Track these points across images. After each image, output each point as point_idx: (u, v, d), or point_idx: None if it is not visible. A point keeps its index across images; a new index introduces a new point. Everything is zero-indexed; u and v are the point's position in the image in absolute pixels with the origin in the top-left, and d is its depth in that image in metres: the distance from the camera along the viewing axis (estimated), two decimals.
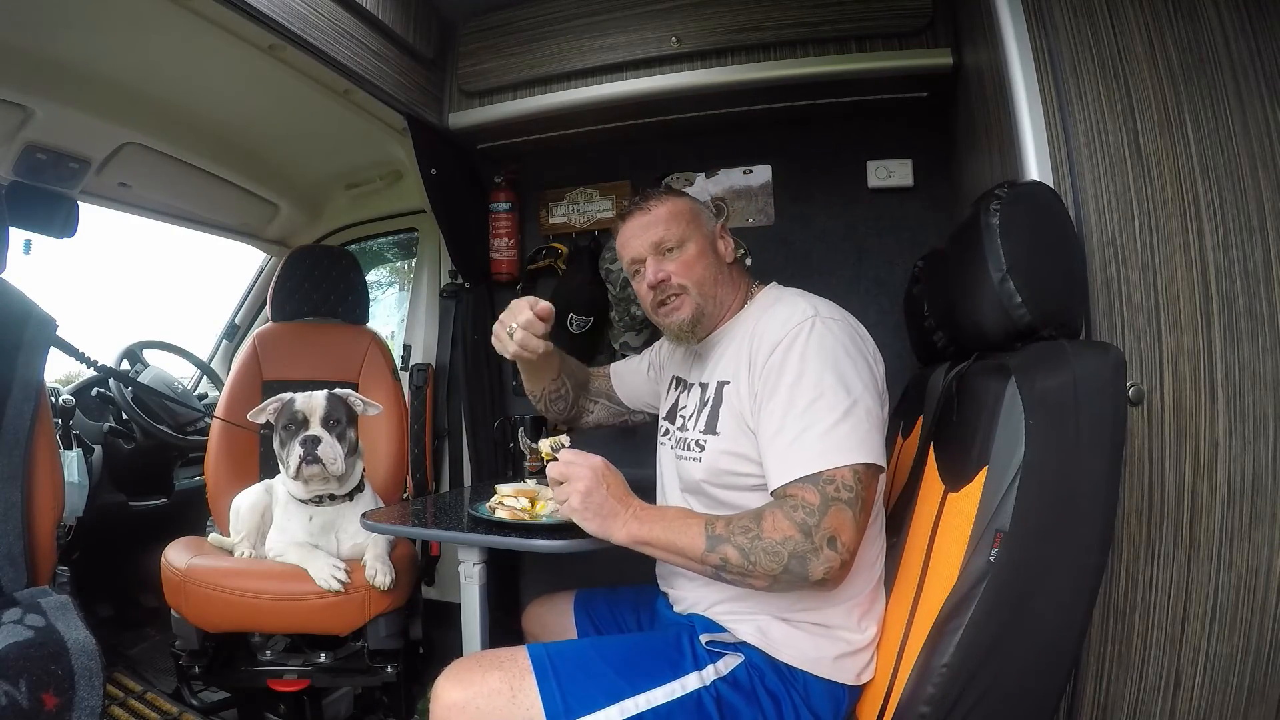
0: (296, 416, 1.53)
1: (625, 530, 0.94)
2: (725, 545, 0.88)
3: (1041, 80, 1.08)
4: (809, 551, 0.84)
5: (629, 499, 0.97)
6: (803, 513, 0.86)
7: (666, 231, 1.09)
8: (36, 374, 1.29)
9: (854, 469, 0.87)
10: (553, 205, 2.05)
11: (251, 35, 1.39)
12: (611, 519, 0.95)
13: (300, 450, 1.49)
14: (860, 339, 0.99)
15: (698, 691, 0.92)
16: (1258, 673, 1.00)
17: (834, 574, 0.86)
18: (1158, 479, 1.01)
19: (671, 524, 0.93)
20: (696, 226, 1.11)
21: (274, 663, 1.60)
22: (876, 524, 1.01)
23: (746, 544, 0.87)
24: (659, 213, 1.10)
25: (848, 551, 0.86)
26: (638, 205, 1.13)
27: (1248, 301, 1.01)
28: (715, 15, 1.61)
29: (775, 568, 0.85)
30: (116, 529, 2.10)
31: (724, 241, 1.13)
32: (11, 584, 1.19)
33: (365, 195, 2.44)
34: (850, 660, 0.96)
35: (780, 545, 0.85)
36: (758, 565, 0.86)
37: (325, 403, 1.55)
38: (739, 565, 0.87)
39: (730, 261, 1.12)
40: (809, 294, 1.06)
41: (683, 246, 1.09)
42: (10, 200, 1.73)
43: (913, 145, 1.77)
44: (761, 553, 0.86)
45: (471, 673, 0.93)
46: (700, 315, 1.09)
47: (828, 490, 0.86)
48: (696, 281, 1.08)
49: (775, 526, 0.86)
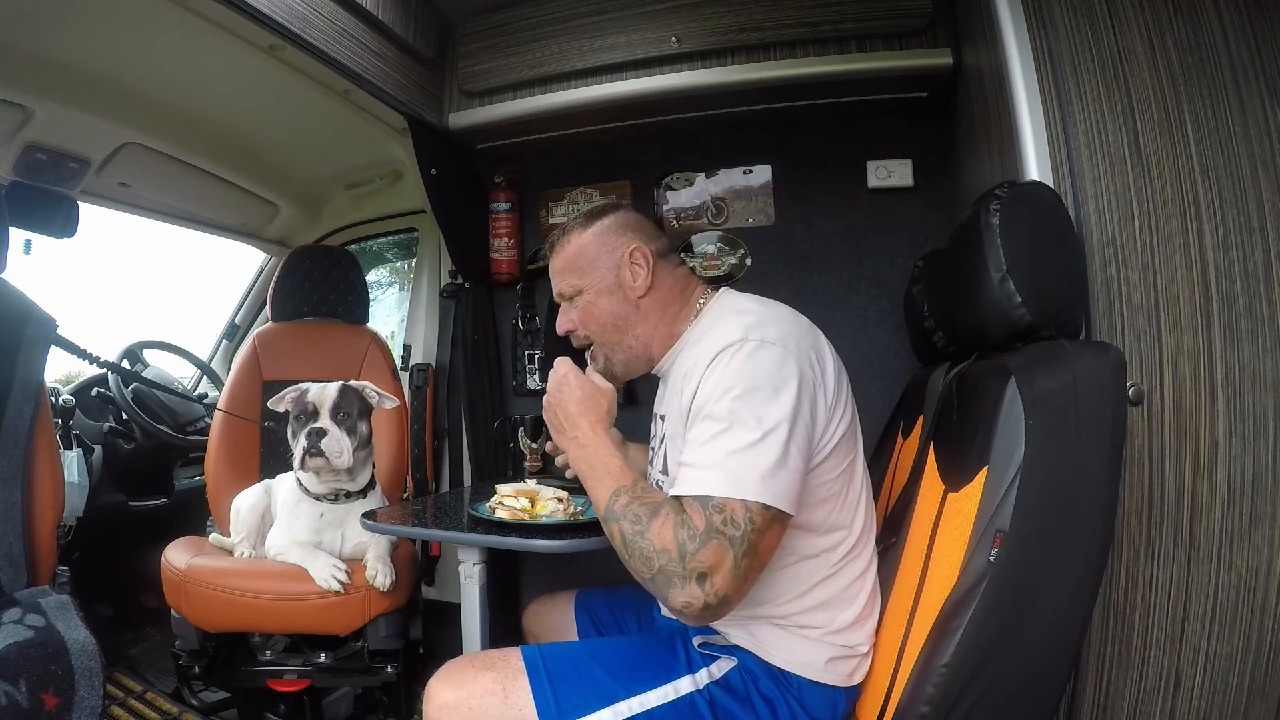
0: (308, 407, 1.53)
1: (571, 449, 0.98)
2: (614, 523, 0.87)
3: (1041, 80, 1.08)
4: (676, 576, 0.80)
5: (579, 419, 0.99)
6: (686, 533, 0.80)
7: (563, 283, 1.10)
8: (36, 374, 1.29)
9: (746, 505, 0.80)
10: (553, 205, 2.05)
11: (251, 35, 1.39)
12: (560, 431, 1.00)
13: (305, 442, 1.48)
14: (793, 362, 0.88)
15: (691, 695, 0.92)
16: (1258, 673, 1.00)
17: (694, 611, 0.79)
18: (1158, 479, 1.01)
19: (596, 469, 0.93)
20: (590, 270, 1.06)
21: (274, 663, 1.61)
22: (865, 532, 0.99)
23: (630, 534, 0.84)
24: (555, 264, 1.11)
25: (715, 595, 0.79)
26: (553, 244, 1.12)
27: (1248, 301, 1.01)
28: (715, 15, 1.61)
29: (645, 573, 0.83)
30: (116, 529, 2.10)
31: (632, 269, 1.05)
32: (11, 584, 1.19)
33: (365, 195, 2.44)
34: (843, 663, 0.96)
35: (656, 554, 0.81)
36: (631, 560, 0.84)
37: (336, 394, 1.54)
38: (619, 548, 0.86)
39: (641, 295, 1.05)
40: (754, 303, 1.00)
41: (580, 295, 1.08)
42: (10, 200, 1.73)
43: (913, 145, 1.77)
44: (638, 552, 0.83)
45: (464, 673, 0.93)
46: (611, 363, 1.10)
47: (715, 519, 0.80)
48: (596, 331, 1.08)
49: (660, 534, 0.82)
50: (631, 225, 1.09)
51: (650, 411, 1.37)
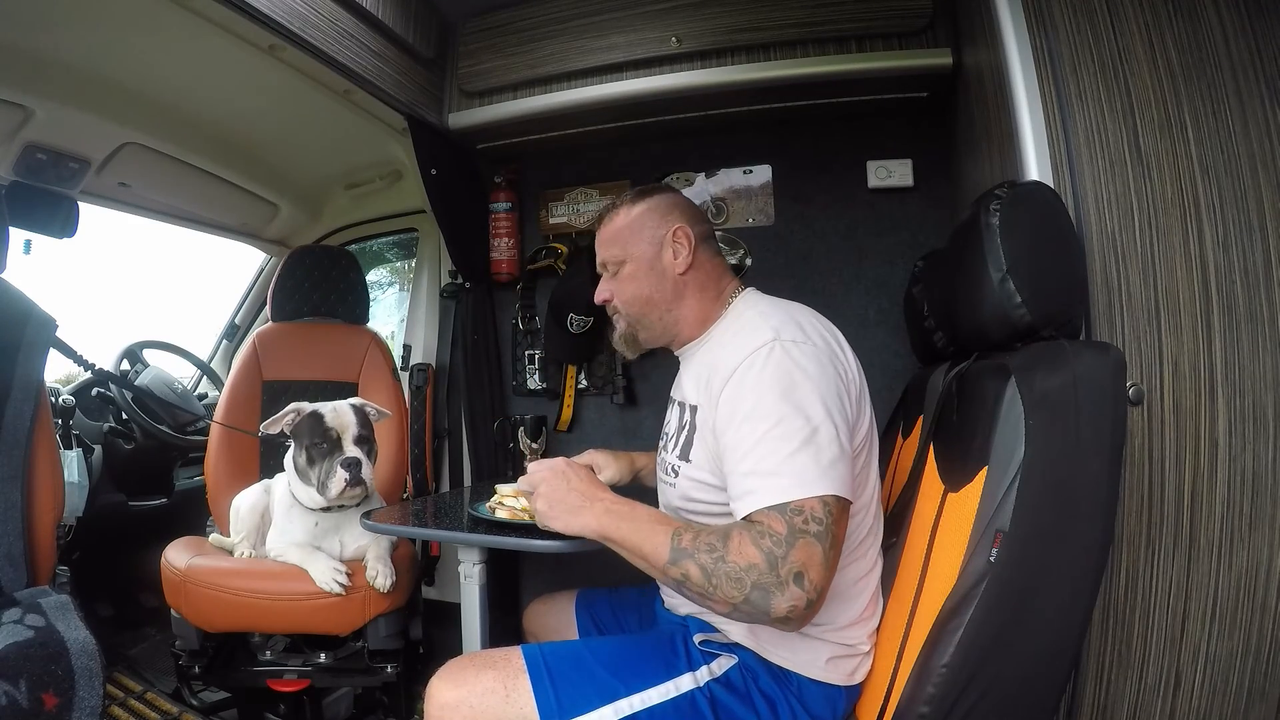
0: (330, 435, 1.49)
1: (595, 523, 0.90)
2: (688, 561, 0.82)
3: (1041, 80, 1.08)
4: (773, 585, 0.78)
5: (598, 491, 0.94)
6: (769, 541, 0.79)
7: (606, 253, 1.13)
8: (36, 374, 1.29)
9: (822, 500, 0.81)
10: (553, 205, 2.05)
11: (251, 35, 1.39)
12: (578, 512, 0.92)
13: (346, 475, 1.46)
14: (826, 360, 0.91)
15: (692, 692, 0.92)
16: (1258, 673, 1.00)
17: (798, 614, 0.78)
18: (1158, 479, 1.01)
19: (640, 525, 0.88)
20: (637, 243, 1.09)
21: (274, 663, 1.60)
22: (872, 533, 1.00)
23: (710, 564, 0.81)
24: (604, 233, 1.14)
25: (814, 590, 0.78)
26: (602, 215, 1.16)
27: (1248, 301, 1.01)
28: (715, 15, 1.61)
29: (737, 595, 0.79)
30: (116, 529, 2.10)
31: (674, 248, 1.08)
32: (11, 584, 1.19)
33: (365, 195, 2.44)
34: (843, 662, 0.96)
35: (744, 572, 0.79)
36: (719, 589, 0.80)
37: (355, 420, 1.52)
38: (700, 585, 0.81)
39: (681, 271, 1.07)
40: (779, 306, 1.02)
41: (621, 266, 1.11)
42: (10, 200, 1.73)
43: (913, 145, 1.77)
44: (724, 577, 0.80)
45: (465, 672, 0.93)
46: (631, 334, 1.13)
47: (795, 521, 0.80)
48: (628, 301, 1.11)
49: (741, 551, 0.80)
50: (679, 206, 1.12)
51: (650, 412, 1.37)
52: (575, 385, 2.02)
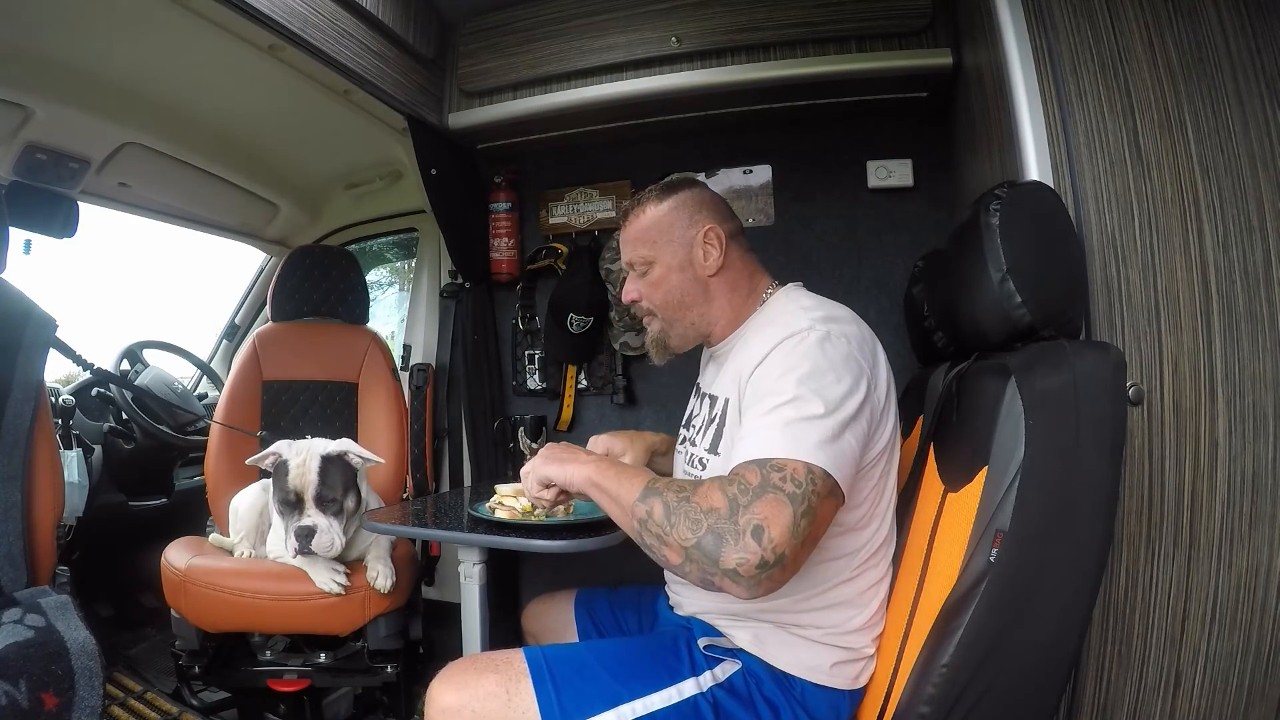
0: (289, 496, 1.41)
1: (583, 470, 0.93)
2: (655, 499, 0.81)
3: (1041, 80, 1.08)
4: (728, 532, 0.74)
5: (574, 450, 1.00)
6: (736, 488, 0.76)
7: (634, 253, 1.09)
8: (36, 374, 1.29)
9: (809, 466, 0.77)
10: (553, 205, 2.05)
11: (251, 35, 1.39)
12: (569, 463, 0.96)
13: (295, 543, 1.41)
14: (859, 356, 0.89)
15: (695, 698, 0.92)
16: (1258, 673, 1.00)
17: (748, 570, 0.73)
18: (1158, 479, 1.01)
19: (622, 471, 0.90)
20: (667, 243, 1.06)
21: (274, 663, 1.61)
22: (887, 543, 0.98)
23: (674, 502, 0.79)
24: (631, 230, 1.10)
25: (773, 551, 0.73)
26: (627, 211, 1.12)
27: (1248, 301, 1.01)
28: (715, 15, 1.61)
29: (690, 538, 0.76)
30: (116, 529, 2.10)
31: (705, 249, 1.05)
32: (11, 584, 1.19)
33: (365, 195, 2.44)
34: (848, 666, 0.96)
35: (703, 515, 0.76)
36: (675, 529, 0.78)
37: (318, 479, 1.41)
38: (659, 524, 0.79)
39: (712, 273, 1.05)
40: (819, 304, 0.99)
41: (650, 267, 1.08)
42: (10, 200, 1.73)
43: (913, 145, 1.77)
44: (683, 516, 0.78)
45: (466, 675, 0.93)
46: (665, 336, 1.10)
47: (772, 476, 0.76)
48: (659, 305, 1.08)
49: (707, 496, 0.78)
50: (707, 204, 1.09)
51: (650, 412, 1.37)
52: (575, 385, 2.02)
